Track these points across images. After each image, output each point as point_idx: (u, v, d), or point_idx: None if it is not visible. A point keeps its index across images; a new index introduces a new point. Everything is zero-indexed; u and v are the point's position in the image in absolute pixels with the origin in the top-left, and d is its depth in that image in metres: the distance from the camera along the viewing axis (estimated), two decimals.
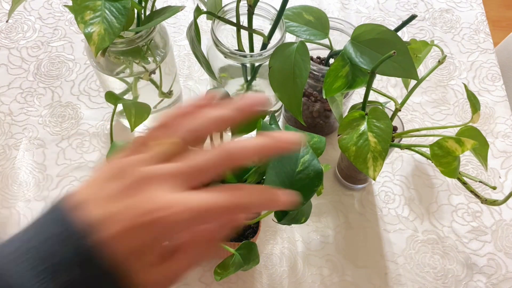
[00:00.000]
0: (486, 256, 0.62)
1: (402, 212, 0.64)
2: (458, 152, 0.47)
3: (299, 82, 0.49)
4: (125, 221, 0.28)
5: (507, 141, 0.70)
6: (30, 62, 0.75)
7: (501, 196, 0.65)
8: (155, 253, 0.30)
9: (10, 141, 0.68)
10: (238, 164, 0.29)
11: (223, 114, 0.31)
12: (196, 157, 0.29)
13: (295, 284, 0.59)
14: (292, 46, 0.50)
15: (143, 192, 0.29)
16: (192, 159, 0.29)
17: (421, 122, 0.72)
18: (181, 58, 0.76)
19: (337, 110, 0.53)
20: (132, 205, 0.28)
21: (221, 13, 0.54)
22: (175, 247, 0.31)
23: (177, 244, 0.31)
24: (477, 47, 0.79)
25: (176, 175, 0.29)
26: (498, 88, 0.75)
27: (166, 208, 0.28)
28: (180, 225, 0.28)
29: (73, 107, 0.71)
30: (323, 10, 0.55)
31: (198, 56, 0.52)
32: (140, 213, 0.28)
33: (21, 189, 0.64)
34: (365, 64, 0.48)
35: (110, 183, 0.30)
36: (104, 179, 0.30)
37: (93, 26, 0.44)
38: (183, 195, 0.29)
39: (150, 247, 0.29)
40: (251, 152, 0.29)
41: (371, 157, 0.48)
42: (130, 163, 0.30)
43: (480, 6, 0.83)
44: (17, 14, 0.80)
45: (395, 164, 0.68)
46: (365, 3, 0.83)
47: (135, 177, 0.29)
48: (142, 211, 0.28)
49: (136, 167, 0.30)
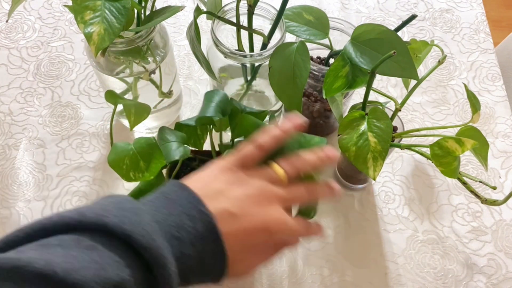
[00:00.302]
0: (486, 256, 0.62)
1: (402, 212, 0.64)
2: (458, 152, 0.47)
3: (299, 82, 0.49)
4: (251, 222, 0.38)
5: (507, 141, 0.70)
6: (30, 62, 0.75)
7: (501, 196, 0.65)
8: (255, 253, 0.40)
9: (10, 141, 0.68)
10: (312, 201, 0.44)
11: (317, 162, 0.42)
12: (295, 190, 0.42)
13: (295, 284, 0.59)
14: (292, 46, 0.50)
15: (271, 206, 0.39)
16: (293, 192, 0.41)
17: (421, 122, 0.72)
18: (181, 58, 0.76)
19: (337, 110, 0.53)
20: (265, 213, 0.39)
21: (221, 13, 0.54)
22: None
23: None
24: (477, 47, 0.79)
25: (284, 200, 0.40)
26: (498, 88, 0.75)
27: (282, 223, 0.39)
28: (284, 236, 0.41)
29: (73, 107, 0.71)
30: (323, 10, 0.55)
31: (198, 56, 0.52)
32: (268, 220, 0.39)
33: (21, 189, 0.64)
34: (365, 64, 0.48)
35: (237, 187, 0.39)
36: (228, 181, 0.40)
37: (93, 26, 0.44)
38: (289, 217, 0.40)
39: (256, 248, 0.39)
40: (321, 194, 0.43)
41: (371, 157, 0.48)
42: (260, 178, 0.41)
43: (480, 6, 0.83)
44: (17, 14, 0.80)
45: (395, 164, 0.68)
46: (365, 3, 0.83)
47: (261, 190, 0.40)
48: (269, 219, 0.39)
49: (263, 183, 0.40)
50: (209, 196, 0.37)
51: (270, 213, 0.39)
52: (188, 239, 0.35)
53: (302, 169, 0.42)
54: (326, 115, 0.64)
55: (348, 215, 0.64)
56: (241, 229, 0.38)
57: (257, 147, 0.41)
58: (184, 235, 0.35)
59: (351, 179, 0.64)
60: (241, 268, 0.40)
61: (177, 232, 0.35)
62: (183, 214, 0.36)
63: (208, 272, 0.37)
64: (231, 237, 0.37)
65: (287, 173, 0.41)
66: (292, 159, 0.42)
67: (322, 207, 0.64)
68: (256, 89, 0.64)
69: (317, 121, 0.65)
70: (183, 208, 0.36)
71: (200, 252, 0.36)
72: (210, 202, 0.37)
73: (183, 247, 0.35)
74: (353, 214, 0.64)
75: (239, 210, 0.38)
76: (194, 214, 0.36)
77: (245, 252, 0.39)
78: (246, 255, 0.39)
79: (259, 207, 0.39)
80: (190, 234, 0.35)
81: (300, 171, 0.42)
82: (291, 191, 0.41)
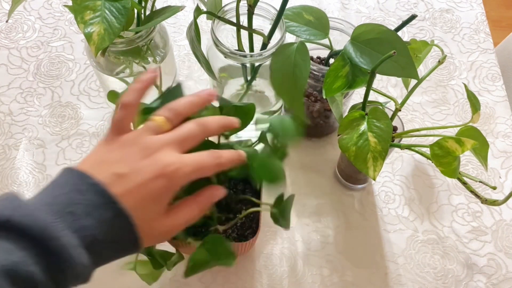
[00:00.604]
0: (486, 256, 0.62)
1: (402, 212, 0.64)
2: (458, 152, 0.47)
3: (300, 82, 0.49)
4: (143, 174, 0.38)
5: (507, 141, 0.70)
6: (30, 62, 0.75)
7: (501, 196, 0.65)
8: (163, 204, 0.39)
9: (10, 141, 0.68)
10: (212, 133, 0.42)
11: (197, 99, 0.43)
12: (181, 128, 0.41)
13: (295, 284, 0.59)
14: (292, 46, 0.50)
15: (157, 153, 0.39)
16: (179, 130, 0.41)
17: (421, 122, 0.72)
18: (181, 58, 0.76)
19: (337, 110, 0.53)
20: (152, 162, 0.38)
21: (221, 13, 0.54)
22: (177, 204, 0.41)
23: (179, 203, 0.41)
24: (477, 47, 0.79)
25: (172, 142, 0.40)
26: (498, 88, 0.75)
27: (176, 163, 0.39)
28: (186, 177, 0.39)
29: (73, 107, 0.71)
30: (323, 10, 0.55)
31: (198, 56, 0.52)
32: (160, 167, 0.38)
33: (20, 189, 0.64)
34: (365, 64, 0.48)
35: (118, 151, 0.40)
36: (109, 150, 0.40)
37: (93, 26, 0.44)
38: (183, 155, 0.40)
39: (160, 197, 0.38)
40: (216, 122, 0.42)
41: (371, 157, 0.48)
42: (136, 134, 0.40)
43: (480, 6, 0.83)
44: (17, 14, 0.79)
45: (395, 164, 0.68)
46: (365, 3, 0.83)
47: (147, 144, 0.39)
48: (161, 165, 0.38)
49: (142, 137, 0.40)
50: (95, 169, 0.38)
51: (160, 158, 0.39)
52: (82, 211, 0.35)
53: (183, 111, 0.42)
54: (326, 115, 0.64)
55: (348, 215, 0.64)
56: (136, 185, 0.38)
57: (123, 107, 0.41)
58: (76, 208, 0.35)
59: (351, 179, 0.64)
60: (158, 227, 0.39)
61: (68, 207, 0.35)
62: (72, 192, 0.36)
63: (119, 240, 0.37)
64: (128, 196, 0.37)
65: (167, 118, 0.41)
66: (169, 104, 0.42)
67: (322, 207, 0.64)
68: (256, 89, 0.64)
69: (317, 121, 0.65)
70: (71, 186, 0.36)
71: (101, 221, 0.36)
72: (97, 174, 0.37)
73: (78, 220, 0.35)
74: (353, 214, 0.64)
75: (126, 169, 0.38)
76: (82, 188, 0.36)
77: (151, 206, 0.38)
78: (154, 209, 0.39)
79: (146, 158, 0.39)
80: (83, 206, 0.35)
81: (183, 114, 0.42)
82: (177, 130, 0.41)
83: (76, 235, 0.34)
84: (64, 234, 0.34)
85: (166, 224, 0.40)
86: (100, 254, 0.36)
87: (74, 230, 0.34)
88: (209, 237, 0.45)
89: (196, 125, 0.41)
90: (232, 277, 0.59)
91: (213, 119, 0.43)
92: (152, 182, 0.38)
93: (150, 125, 0.41)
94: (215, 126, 0.42)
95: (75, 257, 0.34)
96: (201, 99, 0.43)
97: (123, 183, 0.38)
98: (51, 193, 0.37)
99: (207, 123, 0.42)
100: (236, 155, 0.43)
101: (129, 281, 0.57)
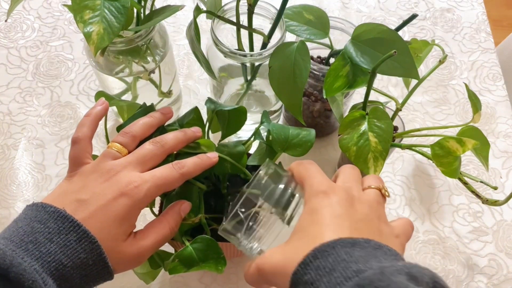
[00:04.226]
0: (487, 256, 0.61)
1: (403, 213, 0.64)
2: (459, 152, 0.47)
3: (299, 82, 0.49)
4: (103, 197, 0.38)
5: (508, 141, 0.70)
6: (29, 62, 0.75)
7: (502, 196, 0.64)
8: (129, 223, 0.39)
9: (9, 141, 0.68)
10: (171, 150, 0.43)
11: (150, 120, 0.45)
12: (140, 149, 0.42)
13: None
14: (292, 46, 0.49)
15: (117, 175, 0.40)
16: (137, 151, 0.42)
17: (422, 122, 0.71)
18: (181, 57, 0.76)
19: (338, 110, 0.52)
20: (112, 183, 0.39)
21: (221, 12, 0.54)
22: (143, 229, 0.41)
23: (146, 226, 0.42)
24: (478, 47, 0.78)
25: (130, 163, 0.41)
26: (499, 88, 0.75)
27: (137, 181, 0.39)
28: (149, 193, 0.40)
29: (72, 107, 0.71)
30: (323, 9, 0.55)
31: (198, 55, 0.52)
32: (121, 186, 0.39)
33: (20, 189, 0.64)
34: (365, 64, 0.48)
35: (78, 180, 0.40)
36: (70, 181, 0.41)
37: (92, 25, 0.44)
38: (144, 173, 0.41)
39: (125, 217, 0.39)
40: (174, 139, 0.44)
41: (371, 157, 0.48)
42: (95, 163, 0.41)
43: (481, 5, 0.83)
44: (16, 14, 0.79)
45: (396, 164, 0.68)
46: (365, 2, 0.83)
47: (106, 168, 0.40)
48: (121, 184, 0.39)
49: (101, 164, 0.41)
50: (57, 200, 0.38)
51: (119, 179, 0.39)
52: (44, 238, 0.35)
53: (138, 133, 0.44)
54: (326, 115, 0.64)
55: None
56: (98, 207, 0.38)
57: (74, 143, 0.43)
58: (38, 236, 0.35)
59: None
60: (129, 250, 0.39)
61: (29, 237, 0.35)
62: (33, 222, 0.36)
63: (88, 264, 0.36)
64: (91, 219, 0.37)
65: (123, 143, 0.43)
66: (125, 128, 0.44)
67: None
68: (256, 88, 0.63)
69: (318, 121, 0.65)
70: (32, 218, 0.37)
71: (64, 245, 0.35)
72: (59, 204, 0.38)
73: (40, 247, 0.35)
74: None
75: (88, 194, 0.39)
76: (44, 217, 0.36)
77: (117, 227, 0.38)
78: (120, 230, 0.38)
79: (107, 181, 0.39)
80: (45, 233, 0.35)
81: (139, 136, 0.44)
82: (135, 152, 0.42)
83: (39, 261, 0.34)
84: (24, 261, 0.33)
85: (137, 246, 0.40)
86: (71, 280, 0.36)
87: (37, 258, 0.34)
88: (200, 237, 0.43)
89: (153, 144, 0.42)
90: (232, 277, 0.59)
91: (171, 136, 0.44)
92: (114, 202, 0.38)
93: (108, 153, 0.42)
94: (173, 143, 0.43)
95: (39, 283, 0.33)
96: (155, 119, 0.45)
97: (86, 207, 0.38)
98: (11, 228, 0.37)
99: (165, 141, 0.43)
100: (201, 160, 0.43)
101: (127, 280, 0.57)
